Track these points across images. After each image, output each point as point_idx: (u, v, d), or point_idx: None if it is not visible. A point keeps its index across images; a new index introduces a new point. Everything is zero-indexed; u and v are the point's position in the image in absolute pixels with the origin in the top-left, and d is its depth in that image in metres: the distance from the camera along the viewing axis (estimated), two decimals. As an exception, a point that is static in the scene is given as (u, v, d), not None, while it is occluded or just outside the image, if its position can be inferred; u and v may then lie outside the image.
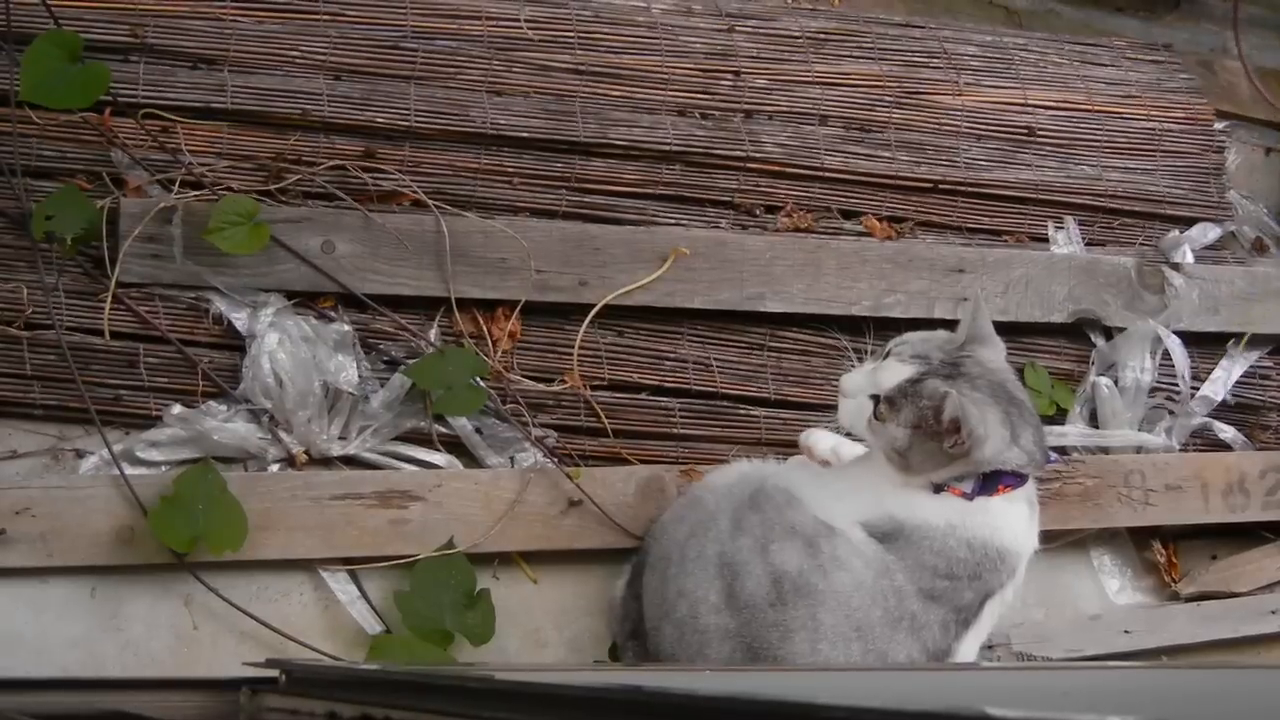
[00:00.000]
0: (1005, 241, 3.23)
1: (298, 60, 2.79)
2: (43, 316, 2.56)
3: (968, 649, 2.29)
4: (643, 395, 2.87)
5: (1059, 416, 3.13)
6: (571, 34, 2.99)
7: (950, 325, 2.49)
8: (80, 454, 2.57)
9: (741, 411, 2.92)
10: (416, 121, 2.82)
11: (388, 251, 2.71)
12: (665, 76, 3.03)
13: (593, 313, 2.82)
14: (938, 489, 2.28)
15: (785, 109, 3.12)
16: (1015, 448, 2.25)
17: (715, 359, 2.93)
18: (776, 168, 3.07)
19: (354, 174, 2.75)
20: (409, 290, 2.73)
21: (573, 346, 2.82)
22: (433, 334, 2.74)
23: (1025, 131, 3.31)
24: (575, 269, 2.82)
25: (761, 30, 3.18)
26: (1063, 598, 3.04)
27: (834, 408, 2.86)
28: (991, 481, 2.27)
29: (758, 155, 3.04)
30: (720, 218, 3.02)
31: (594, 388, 2.82)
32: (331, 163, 2.75)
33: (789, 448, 2.85)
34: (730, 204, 3.03)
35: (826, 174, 3.11)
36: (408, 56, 2.86)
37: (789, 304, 2.96)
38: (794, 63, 3.16)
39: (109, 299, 2.58)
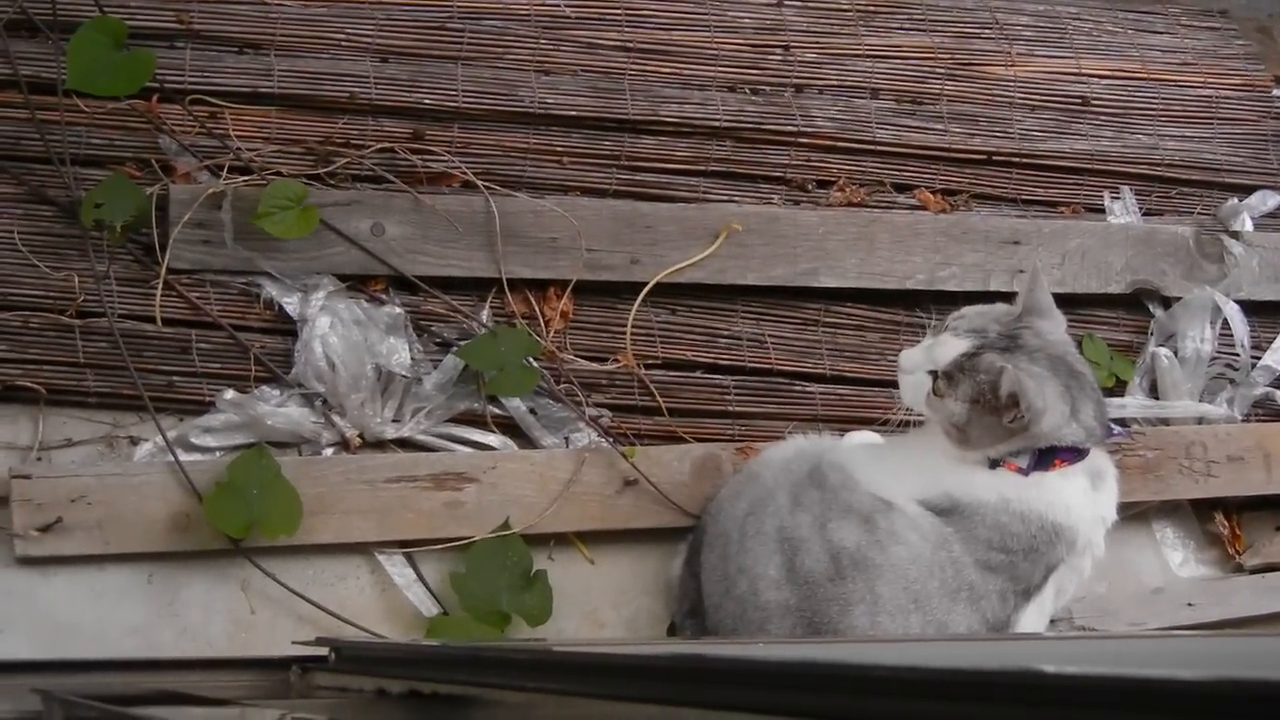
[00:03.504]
0: (1061, 213, 3.18)
1: (344, 43, 2.78)
2: (94, 304, 2.56)
3: (1030, 620, 2.26)
4: (697, 373, 2.84)
5: (1118, 388, 3.07)
6: (619, 11, 2.96)
7: (1007, 298, 2.45)
8: (134, 441, 2.55)
9: (797, 388, 2.89)
10: (464, 102, 2.80)
11: (438, 233, 2.69)
12: (714, 52, 3.00)
13: (645, 291, 2.80)
14: (993, 464, 2.25)
15: (836, 83, 3.08)
16: (1074, 422, 2.22)
17: (769, 335, 2.89)
18: (828, 142, 3.03)
19: (402, 156, 2.73)
20: (460, 271, 2.71)
21: (625, 325, 2.79)
22: (485, 315, 2.72)
23: (1079, 101, 3.25)
24: (626, 247, 2.79)
25: (810, 4, 3.13)
26: (1125, 571, 2.98)
27: (890, 383, 2.85)
28: (1047, 457, 2.23)
29: (809, 130, 3.01)
30: (772, 193, 2.98)
31: (648, 366, 2.80)
32: (380, 145, 2.73)
33: (845, 424, 2.83)
34: (782, 179, 3.00)
35: (878, 147, 3.07)
36: (454, 37, 2.84)
37: (843, 279, 2.92)
38: (844, 36, 3.12)
39: (160, 285, 2.57)
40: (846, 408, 2.89)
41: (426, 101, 2.78)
